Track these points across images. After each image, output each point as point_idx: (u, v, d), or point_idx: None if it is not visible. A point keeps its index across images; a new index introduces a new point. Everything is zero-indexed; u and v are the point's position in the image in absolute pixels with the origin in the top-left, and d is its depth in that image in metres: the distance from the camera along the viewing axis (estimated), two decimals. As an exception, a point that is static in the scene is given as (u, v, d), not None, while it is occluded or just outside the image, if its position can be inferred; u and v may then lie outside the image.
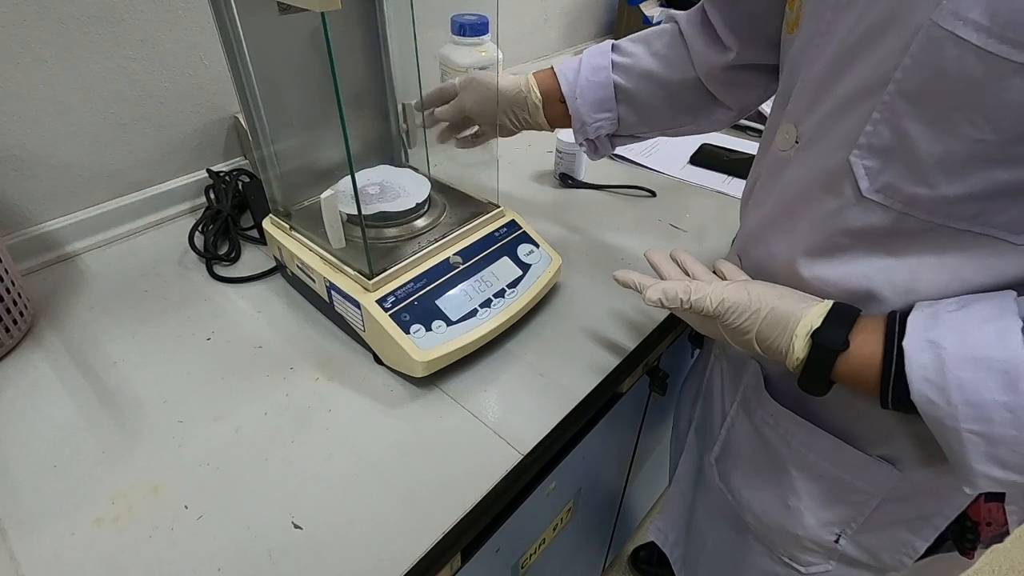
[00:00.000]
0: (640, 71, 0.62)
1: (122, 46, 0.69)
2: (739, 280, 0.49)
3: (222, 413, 0.53)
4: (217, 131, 0.82)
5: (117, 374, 0.57)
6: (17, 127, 0.65)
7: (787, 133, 0.45)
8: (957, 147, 0.34)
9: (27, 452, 0.50)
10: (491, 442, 0.51)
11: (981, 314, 0.36)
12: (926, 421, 0.37)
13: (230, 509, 0.46)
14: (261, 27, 0.54)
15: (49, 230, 0.70)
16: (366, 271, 0.55)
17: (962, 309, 0.37)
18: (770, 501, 0.56)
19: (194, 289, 0.68)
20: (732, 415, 0.59)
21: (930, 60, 0.33)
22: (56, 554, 0.43)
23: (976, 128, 0.33)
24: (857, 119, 0.38)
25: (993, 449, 0.35)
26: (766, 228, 0.49)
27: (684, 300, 0.48)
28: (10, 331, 0.58)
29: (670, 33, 0.62)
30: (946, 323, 0.36)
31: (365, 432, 0.52)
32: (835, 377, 0.42)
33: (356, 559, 0.43)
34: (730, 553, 0.66)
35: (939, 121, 0.34)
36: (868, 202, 0.39)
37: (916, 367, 0.36)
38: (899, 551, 0.51)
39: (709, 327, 0.49)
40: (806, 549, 0.56)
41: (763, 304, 0.44)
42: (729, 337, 0.47)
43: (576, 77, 0.64)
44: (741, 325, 0.45)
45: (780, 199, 0.47)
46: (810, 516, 0.53)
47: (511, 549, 0.63)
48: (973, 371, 0.34)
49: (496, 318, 0.57)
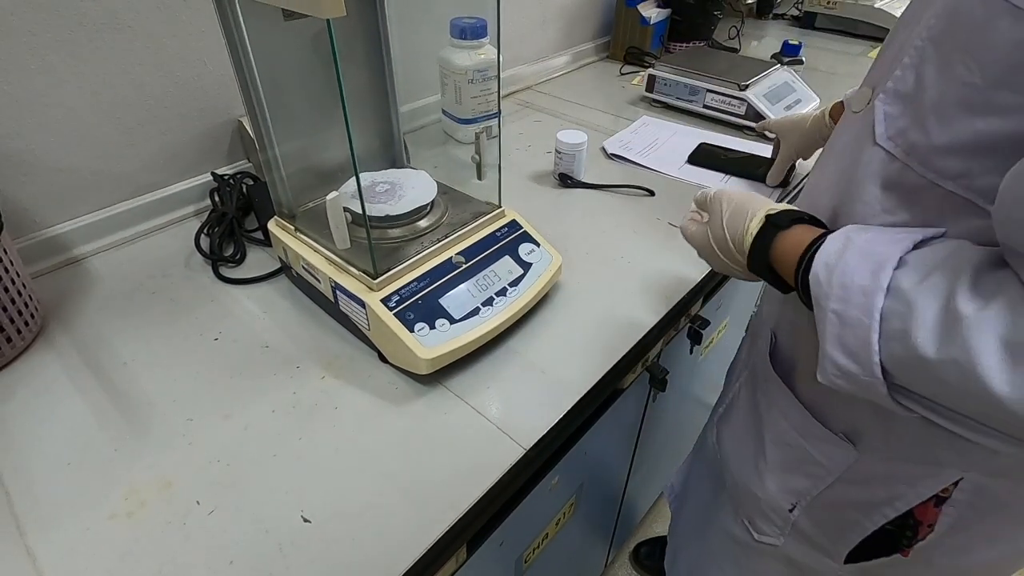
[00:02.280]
0: None
1: (128, 52, 0.70)
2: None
3: (231, 411, 0.54)
4: (221, 135, 0.83)
5: (127, 374, 0.58)
6: (26, 132, 0.66)
7: (863, 95, 0.47)
8: (949, 90, 0.36)
9: (41, 451, 0.51)
10: (494, 437, 0.52)
11: (906, 229, 0.39)
12: (813, 306, 0.40)
13: (241, 504, 0.47)
14: (266, 33, 0.55)
15: (58, 233, 0.71)
16: (371, 271, 0.56)
17: (892, 226, 0.41)
18: (744, 461, 0.61)
19: (201, 290, 0.69)
20: (742, 380, 0.64)
21: (951, 4, 0.36)
22: (71, 549, 0.44)
23: (967, 70, 0.35)
24: (894, 67, 0.41)
25: (842, 330, 0.37)
26: (817, 185, 0.52)
27: (698, 197, 0.55)
28: (21, 333, 0.60)
29: None
30: (870, 229, 0.40)
31: (371, 428, 0.53)
32: (773, 257, 0.46)
33: (364, 551, 0.44)
34: (705, 509, 0.73)
35: (943, 64, 0.36)
36: (878, 149, 0.41)
37: (824, 252, 0.40)
38: (845, 533, 0.54)
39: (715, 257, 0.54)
40: (764, 515, 0.60)
41: (737, 197, 0.50)
42: (713, 236, 0.51)
43: None
44: (720, 210, 0.51)
45: (830, 155, 0.50)
46: (772, 481, 0.57)
47: (515, 543, 0.64)
48: (858, 258, 0.37)
49: (498, 316, 0.58)
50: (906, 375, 0.36)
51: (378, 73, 0.69)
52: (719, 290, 0.86)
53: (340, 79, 0.46)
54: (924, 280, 0.34)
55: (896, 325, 0.35)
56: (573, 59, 1.38)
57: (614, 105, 1.19)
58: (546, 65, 1.32)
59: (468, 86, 0.93)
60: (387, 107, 0.72)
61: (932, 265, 0.35)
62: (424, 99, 1.05)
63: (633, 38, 1.38)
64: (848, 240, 0.39)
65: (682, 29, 1.43)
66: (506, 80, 1.22)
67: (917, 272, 0.35)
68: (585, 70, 1.39)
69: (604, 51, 1.46)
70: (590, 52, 1.43)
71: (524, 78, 1.27)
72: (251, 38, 0.54)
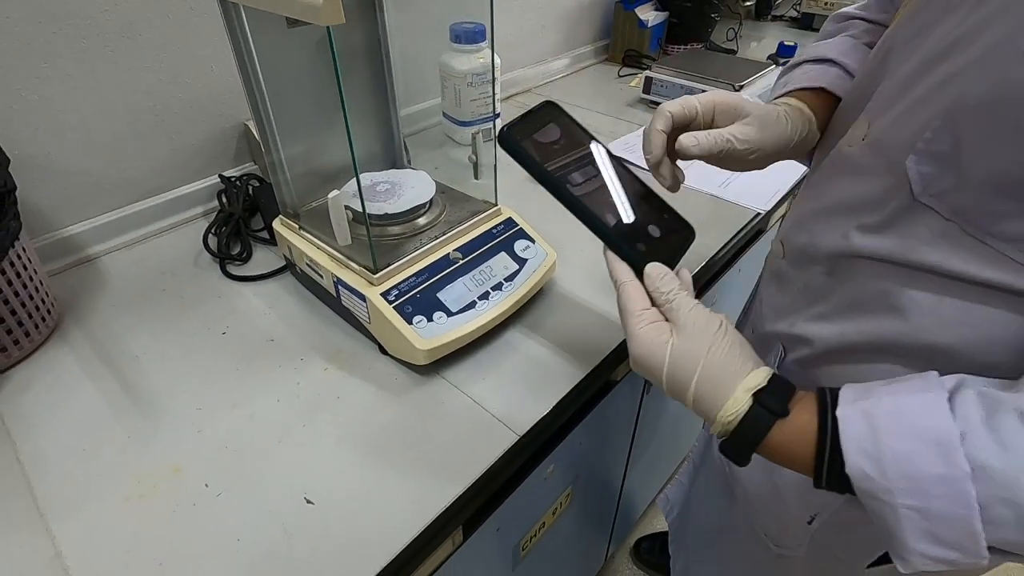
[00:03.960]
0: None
1: (139, 60, 0.73)
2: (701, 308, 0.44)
3: (238, 401, 0.57)
4: (228, 138, 0.86)
5: (139, 367, 0.61)
6: (41, 137, 0.69)
7: (859, 129, 0.45)
8: (1001, 166, 0.34)
9: (58, 438, 0.54)
10: (489, 425, 0.54)
11: (911, 385, 0.36)
12: (860, 498, 0.36)
13: (247, 487, 0.49)
14: (270, 40, 0.58)
15: (72, 234, 0.74)
16: (371, 266, 0.58)
17: (892, 383, 0.37)
18: (760, 475, 0.59)
19: (209, 287, 0.71)
20: None
21: (998, 73, 0.33)
22: (88, 529, 0.47)
23: (1018, 152, 0.33)
24: (921, 123, 0.38)
25: (929, 525, 0.33)
26: (816, 216, 0.49)
27: (664, 293, 0.43)
28: (38, 328, 0.62)
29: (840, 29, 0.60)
30: (877, 394, 0.36)
31: (371, 417, 0.55)
32: (765, 445, 0.39)
33: (364, 531, 0.46)
34: (716, 524, 0.70)
35: (991, 137, 0.34)
36: (920, 206, 0.39)
37: (851, 436, 0.35)
38: (867, 543, 0.53)
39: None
40: (783, 526, 0.58)
41: (719, 345, 0.40)
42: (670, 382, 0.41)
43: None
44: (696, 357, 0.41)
45: (834, 193, 0.47)
46: (791, 494, 0.56)
47: (511, 530, 0.66)
48: (908, 441, 0.33)
49: (494, 309, 0.61)
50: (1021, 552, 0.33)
51: (378, 78, 0.72)
52: (713, 285, 0.88)
53: (340, 84, 0.48)
54: (1005, 450, 0.31)
55: (1002, 513, 0.31)
56: (573, 62, 1.41)
57: (612, 107, 1.22)
58: (546, 68, 1.34)
59: (467, 89, 0.96)
60: (387, 111, 0.75)
61: (990, 427, 0.32)
62: (426, 102, 1.08)
63: (631, 41, 1.40)
64: (870, 416, 0.35)
65: (680, 31, 1.45)
66: (507, 83, 1.25)
67: (986, 440, 0.31)
68: (585, 72, 1.42)
69: (603, 54, 1.48)
70: (590, 55, 1.45)
71: (525, 81, 1.30)
72: (256, 45, 0.57)
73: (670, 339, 0.40)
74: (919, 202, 0.39)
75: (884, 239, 0.42)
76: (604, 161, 0.48)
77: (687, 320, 0.40)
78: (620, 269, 0.43)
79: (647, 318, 0.41)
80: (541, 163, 0.45)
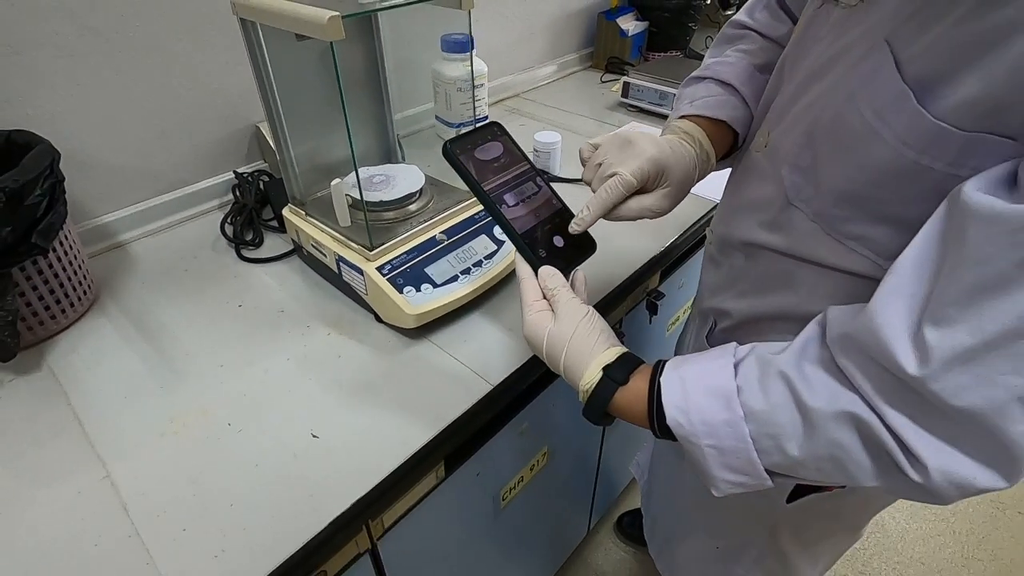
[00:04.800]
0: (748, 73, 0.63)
1: (166, 68, 0.83)
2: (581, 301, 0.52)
3: (254, 359, 0.66)
4: (241, 138, 0.96)
5: (167, 333, 0.70)
6: (84, 136, 0.79)
7: (762, 137, 0.53)
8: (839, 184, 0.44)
9: (102, 389, 0.63)
10: (468, 377, 0.64)
11: (712, 353, 0.46)
12: (680, 442, 0.45)
13: (263, 425, 0.59)
14: (282, 51, 0.68)
15: (107, 221, 0.84)
16: (368, 244, 0.68)
17: (702, 354, 0.46)
18: None
19: (226, 269, 0.81)
20: None
21: (834, 108, 0.42)
22: (133, 458, 0.56)
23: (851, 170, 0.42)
24: (793, 139, 0.48)
25: (724, 458, 0.43)
26: (734, 211, 0.59)
27: (550, 289, 0.51)
28: (81, 300, 0.72)
29: (739, 36, 0.66)
30: (690, 362, 0.46)
31: (368, 371, 0.65)
32: (613, 408, 0.48)
33: (360, 458, 0.56)
34: (674, 476, 0.79)
35: (832, 155, 0.44)
36: (794, 208, 0.49)
37: (668, 395, 0.44)
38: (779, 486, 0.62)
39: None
40: None
41: (578, 331, 0.48)
42: (549, 353, 0.50)
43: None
44: (567, 335, 0.49)
45: (745, 192, 0.56)
46: None
47: (491, 477, 0.76)
48: (704, 397, 0.43)
49: (474, 282, 0.70)
50: (791, 473, 0.43)
51: (376, 85, 0.82)
52: (677, 269, 0.97)
53: (342, 90, 0.58)
54: (767, 397, 0.41)
55: (767, 443, 0.41)
56: (559, 68, 1.51)
57: (594, 110, 1.31)
58: (534, 74, 1.44)
59: (457, 94, 1.06)
60: (383, 113, 0.85)
61: (761, 382, 0.42)
62: (422, 106, 1.18)
63: (613, 49, 1.50)
64: (682, 381, 0.45)
65: (660, 40, 1.55)
66: (496, 88, 1.35)
67: (755, 391, 0.41)
68: (570, 78, 1.51)
69: (588, 61, 1.58)
70: (575, 62, 1.55)
71: (513, 86, 1.40)
72: (270, 56, 0.67)
73: (549, 325, 0.49)
74: (793, 205, 0.49)
75: (775, 235, 0.52)
76: (530, 179, 0.56)
77: (562, 310, 0.49)
78: (522, 268, 0.52)
79: (536, 307, 0.50)
80: (473, 175, 0.53)
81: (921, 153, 0.37)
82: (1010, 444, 0.33)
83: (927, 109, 0.36)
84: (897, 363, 0.35)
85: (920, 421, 0.35)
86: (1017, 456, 0.33)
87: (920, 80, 0.37)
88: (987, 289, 0.32)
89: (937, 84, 0.36)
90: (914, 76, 0.37)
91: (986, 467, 0.34)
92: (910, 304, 0.35)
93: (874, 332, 0.36)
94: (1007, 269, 0.31)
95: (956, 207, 0.34)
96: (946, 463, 0.35)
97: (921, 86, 0.37)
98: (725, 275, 0.61)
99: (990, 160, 0.34)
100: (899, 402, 0.36)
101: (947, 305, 0.33)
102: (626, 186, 0.51)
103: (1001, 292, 0.31)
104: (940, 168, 0.37)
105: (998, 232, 0.31)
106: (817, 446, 0.39)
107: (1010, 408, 0.32)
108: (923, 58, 0.37)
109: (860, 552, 1.40)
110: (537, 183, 0.56)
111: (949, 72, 0.35)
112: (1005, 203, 0.31)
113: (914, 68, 0.37)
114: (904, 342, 0.35)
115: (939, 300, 0.34)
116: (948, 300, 0.33)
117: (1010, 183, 0.33)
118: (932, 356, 0.33)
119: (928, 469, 0.35)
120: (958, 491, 0.35)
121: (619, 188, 0.51)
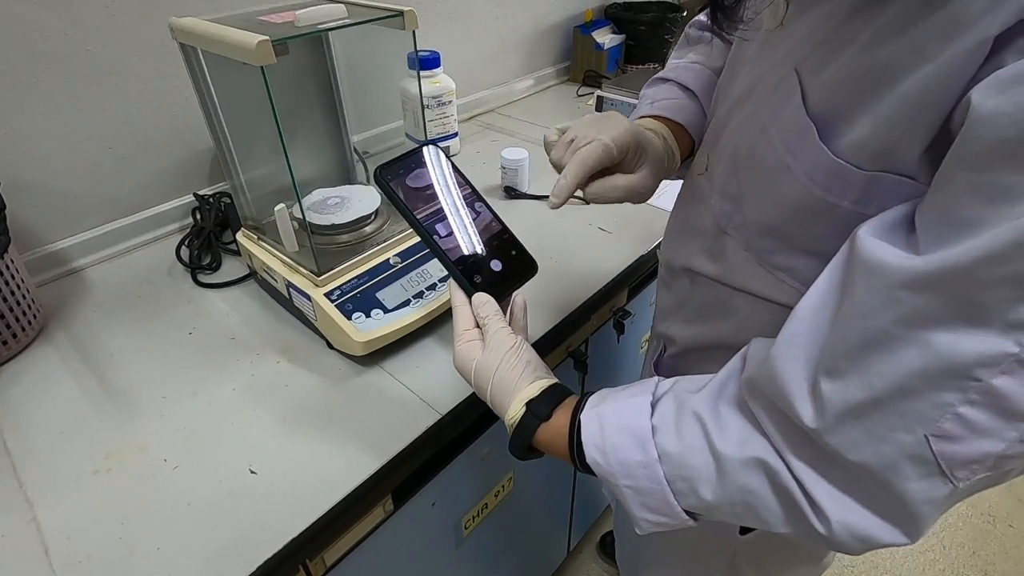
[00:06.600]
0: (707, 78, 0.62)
1: (121, 92, 0.82)
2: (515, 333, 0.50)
3: (198, 390, 0.64)
4: (202, 159, 0.95)
5: (114, 363, 0.69)
6: (34, 163, 0.78)
7: (701, 160, 0.52)
8: (758, 215, 0.43)
9: (40, 424, 0.61)
10: (417, 407, 0.62)
11: (631, 391, 0.44)
12: (600, 480, 0.43)
13: (201, 461, 0.57)
14: (226, 75, 0.66)
15: (59, 248, 0.83)
16: (315, 269, 0.66)
17: (622, 389, 0.45)
18: None
19: (180, 294, 0.79)
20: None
21: (749, 140, 0.41)
22: (62, 496, 0.54)
23: (766, 203, 0.42)
24: (721, 166, 0.46)
25: (642, 499, 0.41)
26: (678, 235, 0.57)
27: (482, 317, 0.49)
28: (25, 330, 0.70)
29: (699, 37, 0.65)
30: (608, 398, 0.44)
31: (314, 401, 0.63)
32: (536, 443, 0.47)
33: (299, 494, 0.54)
34: None
35: (753, 189, 0.43)
36: (727, 236, 0.48)
37: (587, 434, 0.43)
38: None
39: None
40: None
41: (504, 364, 0.46)
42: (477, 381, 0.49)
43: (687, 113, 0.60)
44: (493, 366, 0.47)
45: (686, 216, 0.55)
46: None
47: (449, 506, 0.74)
48: (620, 436, 0.41)
49: (427, 307, 0.68)
50: (709, 515, 0.41)
51: (330, 105, 0.80)
52: (644, 288, 0.95)
53: (277, 115, 0.57)
54: (681, 440, 0.39)
55: (682, 486, 0.40)
56: (536, 82, 1.50)
57: (568, 124, 1.30)
58: (509, 88, 1.43)
59: (425, 111, 1.04)
60: (340, 133, 0.83)
61: (676, 423, 0.40)
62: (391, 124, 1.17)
63: (590, 62, 1.49)
64: (599, 418, 0.43)
65: (637, 52, 1.54)
66: (469, 104, 1.34)
67: (670, 433, 0.40)
68: (546, 92, 1.51)
69: (565, 74, 1.58)
70: (552, 76, 1.54)
71: (487, 101, 1.39)
72: (213, 80, 0.66)
73: (477, 356, 0.47)
74: (726, 233, 0.47)
75: (714, 263, 0.51)
76: (465, 202, 0.53)
77: (490, 340, 0.47)
78: (456, 296, 0.50)
79: (466, 337, 0.48)
80: (403, 200, 0.50)
81: (826, 191, 0.36)
82: (906, 501, 0.31)
83: (828, 146, 0.35)
84: (797, 414, 0.33)
85: (822, 472, 0.34)
86: (915, 513, 0.31)
87: (821, 115, 0.35)
88: (871, 344, 0.30)
89: (836, 120, 0.35)
90: (816, 110, 0.36)
91: (886, 522, 0.33)
92: (808, 353, 0.34)
93: (775, 380, 0.35)
94: (887, 326, 0.29)
95: (853, 251, 0.33)
96: (847, 516, 0.33)
97: (823, 120, 0.35)
98: (673, 299, 0.60)
99: (893, 199, 0.33)
100: (803, 452, 0.34)
101: (839, 357, 0.32)
102: (606, 150, 0.47)
103: (884, 349, 0.30)
104: (847, 206, 0.36)
105: (879, 285, 0.30)
106: (729, 491, 0.38)
107: (902, 465, 0.30)
108: (825, 90, 0.35)
109: (848, 569, 1.38)
110: (476, 207, 0.55)
111: (845, 107, 0.34)
112: (891, 253, 0.30)
113: (816, 100, 0.36)
114: (803, 392, 0.33)
115: (831, 351, 0.32)
116: (839, 352, 0.32)
117: (908, 226, 0.31)
118: (827, 409, 0.32)
119: (831, 521, 0.33)
120: (862, 544, 0.34)
121: (598, 150, 0.47)
